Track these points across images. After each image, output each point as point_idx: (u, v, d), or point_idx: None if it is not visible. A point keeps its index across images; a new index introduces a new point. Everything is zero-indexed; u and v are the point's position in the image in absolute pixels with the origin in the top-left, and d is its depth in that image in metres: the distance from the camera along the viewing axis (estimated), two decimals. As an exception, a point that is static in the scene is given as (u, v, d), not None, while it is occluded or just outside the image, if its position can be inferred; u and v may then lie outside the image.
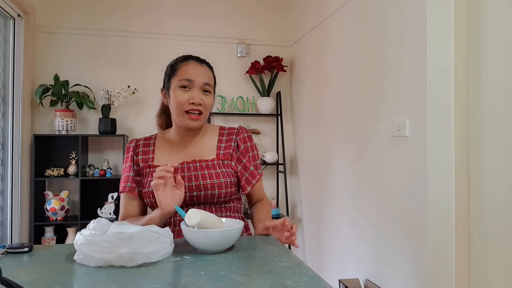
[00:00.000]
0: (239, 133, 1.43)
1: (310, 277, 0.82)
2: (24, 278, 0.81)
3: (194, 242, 1.01)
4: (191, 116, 1.30)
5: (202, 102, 1.31)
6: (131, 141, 1.44)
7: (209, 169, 1.31)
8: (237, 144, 1.41)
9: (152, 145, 1.41)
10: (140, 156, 1.38)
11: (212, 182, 1.28)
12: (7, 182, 2.97)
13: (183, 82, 1.32)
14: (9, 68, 2.99)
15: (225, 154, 1.37)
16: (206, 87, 1.33)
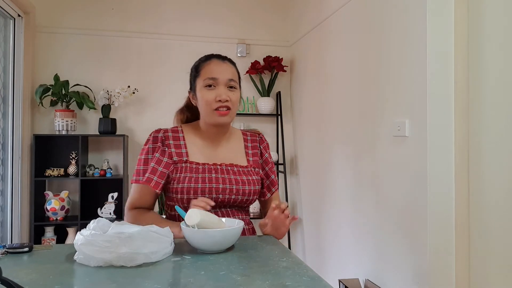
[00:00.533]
0: (262, 142, 1.50)
1: (310, 277, 0.82)
2: (24, 278, 0.81)
3: (194, 242, 1.01)
4: (219, 112, 1.31)
5: (229, 98, 1.31)
6: (157, 131, 1.38)
7: (241, 175, 1.35)
8: (261, 152, 1.47)
9: (182, 139, 1.38)
10: (172, 149, 1.35)
11: (244, 188, 1.33)
12: (7, 182, 2.97)
13: (207, 81, 1.32)
14: (9, 68, 2.99)
15: (254, 162, 1.43)
16: (231, 83, 1.33)
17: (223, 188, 1.30)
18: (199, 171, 1.31)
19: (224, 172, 1.33)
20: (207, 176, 1.30)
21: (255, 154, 1.45)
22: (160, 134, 1.36)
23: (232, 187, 1.31)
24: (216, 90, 1.31)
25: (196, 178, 1.29)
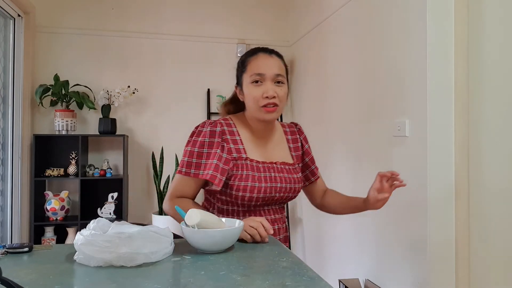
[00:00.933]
0: (301, 133, 1.48)
1: (310, 277, 0.82)
2: (24, 278, 0.81)
3: (194, 242, 1.01)
4: (267, 109, 1.27)
5: (276, 95, 1.27)
6: (213, 124, 1.31)
7: (291, 173, 1.36)
8: (301, 143, 1.46)
9: (237, 134, 1.34)
10: (231, 145, 1.31)
11: (295, 186, 1.35)
12: (7, 182, 2.97)
13: (254, 77, 1.29)
14: (9, 68, 2.99)
15: (297, 157, 1.43)
16: (278, 78, 1.29)
17: (281, 187, 1.31)
18: (260, 170, 1.30)
19: (279, 170, 1.34)
20: (268, 176, 1.30)
21: (297, 148, 1.44)
22: (218, 129, 1.30)
23: (287, 186, 1.33)
24: (263, 86, 1.27)
25: (259, 177, 1.28)
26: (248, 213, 1.31)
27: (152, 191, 3.49)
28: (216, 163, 1.25)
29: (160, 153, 3.35)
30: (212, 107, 3.60)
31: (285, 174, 1.34)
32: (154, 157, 3.31)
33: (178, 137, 3.56)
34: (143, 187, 3.51)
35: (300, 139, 1.46)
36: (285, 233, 1.43)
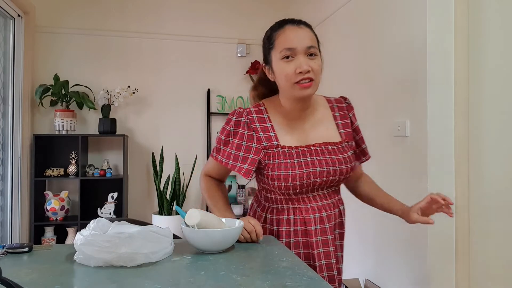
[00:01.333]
0: (351, 108, 1.34)
1: (310, 277, 0.82)
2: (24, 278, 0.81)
3: (194, 242, 1.01)
4: (301, 85, 1.16)
5: (311, 68, 1.15)
6: (241, 114, 1.26)
7: (336, 154, 1.23)
8: (351, 120, 1.32)
9: (268, 120, 1.25)
10: (260, 134, 1.23)
11: (342, 168, 1.22)
12: (7, 182, 2.97)
13: (284, 52, 1.16)
14: (9, 68, 2.99)
15: (347, 134, 1.29)
16: (310, 50, 1.16)
17: (321, 171, 1.20)
18: (294, 156, 1.20)
19: (319, 153, 1.22)
20: (303, 161, 1.20)
21: (346, 124, 1.30)
22: (243, 119, 1.24)
23: (329, 169, 1.21)
24: (294, 61, 1.15)
25: (292, 164, 1.19)
26: (291, 201, 1.23)
27: (152, 191, 3.49)
28: (234, 153, 1.22)
29: (160, 153, 3.34)
30: (212, 107, 3.60)
31: (327, 156, 1.22)
32: (154, 157, 3.31)
33: (178, 137, 3.56)
34: (143, 187, 3.51)
35: (349, 116, 1.32)
36: (340, 218, 1.30)
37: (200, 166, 3.54)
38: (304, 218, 1.22)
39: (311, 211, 1.23)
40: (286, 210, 1.24)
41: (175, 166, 3.30)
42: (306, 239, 1.22)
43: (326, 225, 1.23)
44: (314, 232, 1.22)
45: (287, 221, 1.23)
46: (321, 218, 1.23)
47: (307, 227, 1.22)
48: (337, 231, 1.29)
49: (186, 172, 3.40)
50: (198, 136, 3.60)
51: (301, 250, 1.23)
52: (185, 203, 3.41)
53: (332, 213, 1.26)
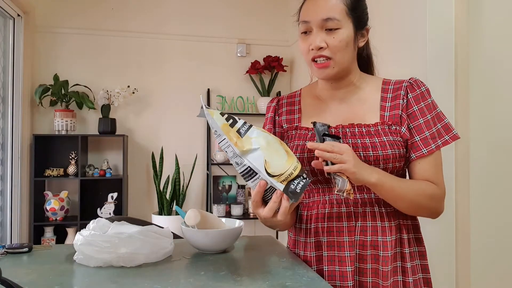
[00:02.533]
0: (412, 89, 1.05)
1: (310, 278, 0.82)
2: (23, 278, 0.81)
3: (194, 242, 1.01)
4: (317, 64, 1.02)
5: (325, 44, 1.00)
6: (272, 100, 1.18)
7: (371, 137, 1.00)
8: (407, 102, 1.04)
9: (297, 103, 1.14)
10: (283, 117, 1.13)
11: (376, 154, 0.98)
12: (6, 182, 2.97)
13: (300, 26, 1.05)
14: (9, 68, 2.99)
15: (392, 117, 1.03)
16: (327, 23, 0.99)
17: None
18: (308, 137, 1.04)
19: (347, 135, 1.02)
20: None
21: (396, 106, 1.04)
22: (273, 104, 1.17)
23: (367, 154, 0.98)
24: (309, 36, 1.03)
25: (303, 146, 1.02)
26: (322, 190, 1.03)
27: (152, 191, 3.48)
28: None
29: (160, 153, 3.34)
30: (212, 107, 3.60)
31: (358, 139, 1.00)
32: (154, 157, 3.31)
33: (178, 137, 3.56)
34: (143, 187, 3.51)
35: (407, 97, 1.04)
36: (395, 234, 0.99)
37: (200, 166, 3.54)
38: (319, 213, 1.01)
39: (328, 204, 1.01)
40: (307, 205, 1.05)
41: (175, 166, 3.30)
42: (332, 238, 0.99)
43: (344, 223, 0.99)
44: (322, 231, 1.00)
45: (301, 217, 1.06)
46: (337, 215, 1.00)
47: (319, 223, 1.01)
48: (386, 251, 0.96)
49: (186, 172, 3.40)
50: (198, 136, 3.60)
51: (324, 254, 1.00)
52: (185, 203, 3.41)
53: (360, 210, 0.99)
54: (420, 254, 1.04)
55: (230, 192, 3.59)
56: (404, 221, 1.01)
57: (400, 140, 1.01)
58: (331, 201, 1.01)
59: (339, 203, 1.00)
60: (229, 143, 0.84)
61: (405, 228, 1.00)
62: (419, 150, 1.00)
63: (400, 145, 1.00)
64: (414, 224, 1.04)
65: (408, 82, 1.06)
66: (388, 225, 0.98)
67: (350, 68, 1.06)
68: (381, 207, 0.99)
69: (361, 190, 0.99)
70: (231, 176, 3.61)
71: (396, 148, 0.98)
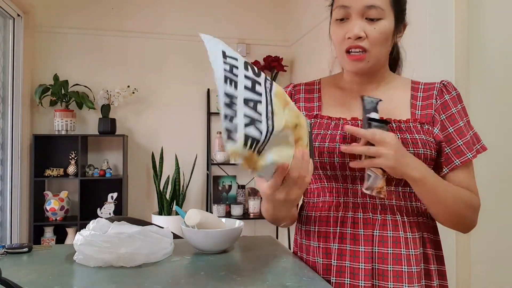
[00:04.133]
0: (448, 92, 0.95)
1: (310, 278, 0.82)
2: (23, 278, 0.81)
3: (194, 242, 1.01)
4: (351, 56, 0.92)
5: (364, 34, 0.89)
6: (288, 86, 1.10)
7: (402, 132, 0.90)
8: (443, 103, 0.94)
9: (317, 91, 1.05)
10: (301, 103, 1.04)
11: (408, 151, 0.87)
12: (6, 182, 2.97)
13: (337, 11, 0.95)
14: (9, 68, 2.99)
15: (424, 116, 0.94)
16: (369, 12, 0.89)
17: None
18: (330, 127, 0.94)
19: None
20: (340, 133, 0.91)
21: (428, 105, 0.94)
22: (289, 89, 1.09)
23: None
24: (347, 24, 0.92)
25: (324, 136, 0.92)
26: (336, 190, 0.93)
27: (152, 191, 3.48)
28: None
29: (160, 153, 3.34)
30: (212, 107, 3.60)
31: (396, 134, 0.88)
32: (154, 157, 3.31)
33: (178, 137, 3.56)
34: (143, 187, 3.51)
35: (444, 98, 0.94)
36: (419, 248, 0.88)
37: (200, 166, 3.54)
38: (330, 216, 0.92)
39: (342, 208, 0.91)
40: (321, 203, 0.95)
41: (175, 166, 3.30)
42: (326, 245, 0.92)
43: (361, 231, 0.88)
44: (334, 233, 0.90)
45: (308, 218, 0.97)
46: (353, 219, 0.89)
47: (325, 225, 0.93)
48: (411, 267, 0.85)
49: (186, 172, 3.40)
50: (198, 136, 3.60)
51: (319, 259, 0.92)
52: (185, 203, 3.41)
53: (379, 218, 0.88)
54: (440, 273, 0.94)
55: (230, 192, 3.59)
56: (427, 234, 0.91)
57: (433, 142, 0.91)
58: (346, 203, 0.91)
59: (355, 207, 0.90)
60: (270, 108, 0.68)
61: (428, 242, 0.91)
62: (464, 155, 0.90)
63: (432, 146, 0.91)
64: (436, 240, 0.95)
65: (442, 83, 0.97)
66: (411, 237, 0.87)
67: (384, 63, 0.98)
68: (403, 215, 0.89)
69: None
70: (231, 176, 3.61)
71: (428, 148, 0.89)
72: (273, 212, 0.88)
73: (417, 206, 0.91)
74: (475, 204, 0.91)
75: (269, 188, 0.76)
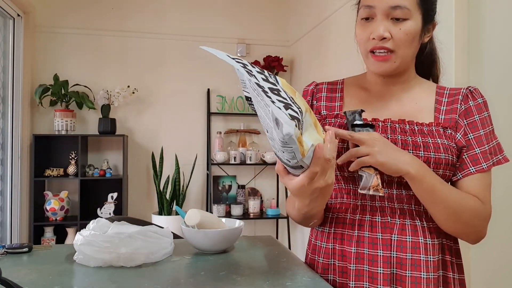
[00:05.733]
0: (474, 98, 0.93)
1: (310, 278, 0.82)
2: (23, 278, 0.81)
3: (194, 242, 1.01)
4: (376, 56, 0.90)
5: (389, 35, 0.88)
6: (310, 84, 1.08)
7: (424, 136, 0.89)
8: (467, 109, 0.92)
9: (339, 91, 1.03)
10: (322, 102, 1.02)
11: (428, 155, 0.87)
12: (6, 182, 2.96)
13: (363, 11, 0.94)
14: (9, 68, 2.99)
15: (448, 120, 0.92)
16: (395, 12, 0.88)
17: None
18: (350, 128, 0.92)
19: (389, 130, 0.91)
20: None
21: (453, 110, 0.93)
22: (311, 87, 1.07)
23: (418, 154, 0.87)
24: (371, 24, 0.91)
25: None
26: (354, 192, 0.91)
27: (152, 191, 3.48)
28: None
29: (160, 153, 3.34)
30: (212, 107, 3.60)
31: (401, 135, 0.89)
32: (154, 157, 3.31)
33: (178, 137, 3.56)
34: (143, 187, 3.51)
35: (469, 104, 0.93)
36: (438, 254, 0.87)
37: (200, 166, 3.54)
38: (347, 218, 0.91)
39: (359, 210, 0.90)
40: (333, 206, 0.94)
41: (175, 166, 3.30)
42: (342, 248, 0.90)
43: (379, 235, 0.86)
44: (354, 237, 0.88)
45: (325, 219, 0.95)
46: (372, 223, 0.88)
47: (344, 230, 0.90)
48: (427, 273, 0.84)
49: (186, 172, 3.40)
50: (198, 136, 3.60)
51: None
52: (185, 203, 3.41)
53: (398, 222, 0.87)
54: (461, 282, 0.90)
55: (230, 192, 3.59)
56: (446, 241, 0.89)
57: (454, 147, 0.90)
58: (363, 207, 0.89)
59: (373, 210, 0.88)
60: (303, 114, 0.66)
61: (447, 249, 0.89)
62: (479, 164, 0.89)
63: (454, 152, 0.89)
64: (456, 247, 0.92)
65: (468, 89, 0.95)
66: (430, 243, 0.86)
67: (410, 65, 0.95)
68: (423, 221, 0.87)
69: (400, 200, 0.88)
70: (231, 176, 3.61)
71: (449, 154, 0.88)
72: (308, 208, 0.81)
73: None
74: (482, 213, 0.87)
75: (307, 177, 0.70)
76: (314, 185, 0.72)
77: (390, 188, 0.88)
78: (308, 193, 0.75)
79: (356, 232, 0.88)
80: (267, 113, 0.65)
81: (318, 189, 0.73)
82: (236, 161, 3.42)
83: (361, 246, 0.87)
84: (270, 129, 0.66)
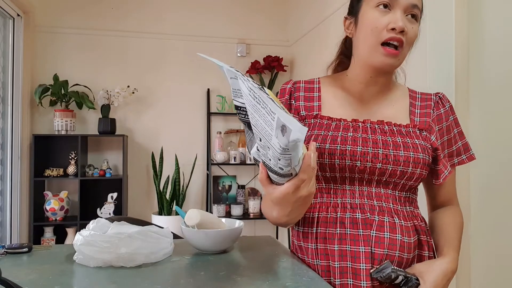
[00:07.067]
0: (442, 104, 1.00)
1: (310, 278, 0.82)
2: (23, 278, 0.81)
3: (194, 242, 1.01)
4: (387, 50, 0.89)
5: (406, 30, 0.89)
6: (287, 82, 1.06)
7: (403, 136, 0.93)
8: (438, 116, 0.99)
9: (317, 90, 1.02)
10: (301, 102, 1.00)
11: (407, 154, 0.90)
12: (6, 182, 2.96)
13: None
14: (9, 68, 2.99)
15: (423, 123, 0.97)
16: (414, 10, 0.90)
17: (363, 151, 0.90)
18: (330, 128, 0.93)
19: (369, 131, 0.93)
20: (342, 135, 0.92)
21: (426, 114, 0.99)
22: (288, 86, 1.04)
23: (377, 151, 0.89)
24: (391, 14, 0.90)
25: (325, 137, 0.92)
26: (334, 191, 0.93)
27: (152, 191, 3.48)
28: None
29: (160, 153, 3.34)
30: (212, 107, 3.60)
31: (380, 135, 0.92)
32: (154, 157, 3.31)
33: (178, 137, 3.56)
34: (142, 187, 3.51)
35: (440, 111, 1.00)
36: (413, 252, 0.91)
37: (200, 166, 3.54)
38: (328, 216, 0.92)
39: (340, 208, 0.91)
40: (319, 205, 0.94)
41: (175, 166, 3.30)
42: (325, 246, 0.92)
43: (360, 231, 0.89)
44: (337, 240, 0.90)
45: (305, 219, 0.96)
46: (353, 220, 0.89)
47: (329, 229, 0.91)
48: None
49: (186, 172, 3.40)
50: (198, 136, 3.60)
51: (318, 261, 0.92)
52: (185, 203, 3.41)
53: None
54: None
55: (230, 192, 3.59)
56: (424, 237, 0.94)
57: (430, 148, 0.95)
58: (343, 204, 0.91)
59: (353, 208, 0.91)
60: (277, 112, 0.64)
61: (425, 245, 0.94)
62: (446, 167, 0.98)
63: (430, 152, 0.94)
64: (431, 242, 0.98)
65: (438, 96, 1.02)
66: (407, 241, 0.90)
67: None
68: (401, 219, 0.90)
69: (379, 198, 0.91)
70: (231, 176, 3.61)
71: (426, 154, 0.93)
72: (288, 218, 0.84)
73: (411, 210, 0.95)
74: (462, 222, 1.02)
75: (293, 185, 0.73)
76: (298, 193, 0.74)
77: (369, 186, 0.92)
78: (291, 201, 0.77)
79: (338, 229, 0.90)
80: (268, 120, 0.65)
81: (302, 197, 0.75)
82: (236, 161, 3.42)
83: (344, 243, 0.89)
84: (268, 137, 0.66)
